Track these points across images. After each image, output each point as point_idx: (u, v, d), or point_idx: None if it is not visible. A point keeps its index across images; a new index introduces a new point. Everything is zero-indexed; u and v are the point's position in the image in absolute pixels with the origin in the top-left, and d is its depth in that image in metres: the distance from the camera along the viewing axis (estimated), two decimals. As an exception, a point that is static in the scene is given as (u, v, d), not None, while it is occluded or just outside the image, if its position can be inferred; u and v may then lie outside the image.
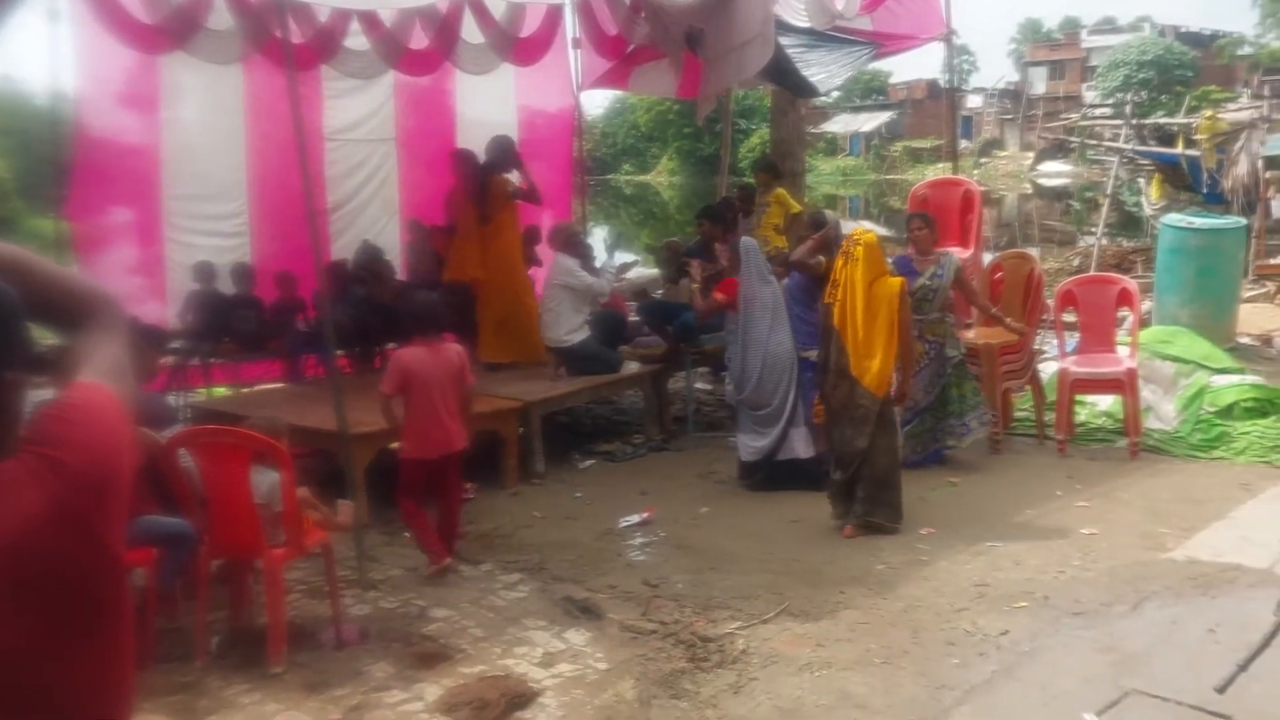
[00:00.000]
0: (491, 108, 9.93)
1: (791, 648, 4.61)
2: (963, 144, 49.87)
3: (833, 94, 47.29)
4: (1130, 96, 35.98)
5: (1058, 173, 46.82)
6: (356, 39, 8.68)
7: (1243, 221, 11.62)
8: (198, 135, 8.54)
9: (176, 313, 8.41)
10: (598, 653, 4.67)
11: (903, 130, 61.70)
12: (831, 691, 4.21)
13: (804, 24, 8.84)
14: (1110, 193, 17.40)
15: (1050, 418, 7.76)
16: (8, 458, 1.25)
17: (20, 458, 1.25)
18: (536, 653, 4.66)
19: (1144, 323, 9.17)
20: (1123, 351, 7.89)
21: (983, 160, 53.49)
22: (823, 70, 9.24)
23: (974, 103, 60.07)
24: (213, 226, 8.77)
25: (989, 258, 9.46)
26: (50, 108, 8.82)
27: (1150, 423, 7.69)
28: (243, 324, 8.42)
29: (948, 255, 7.35)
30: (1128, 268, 14.12)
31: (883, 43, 9.82)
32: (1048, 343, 9.06)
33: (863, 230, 6.57)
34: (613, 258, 8.89)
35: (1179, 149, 19.98)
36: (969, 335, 7.74)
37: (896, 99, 63.48)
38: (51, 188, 8.38)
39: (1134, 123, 24.08)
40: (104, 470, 1.30)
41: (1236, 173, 15.59)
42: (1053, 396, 7.78)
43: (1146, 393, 7.83)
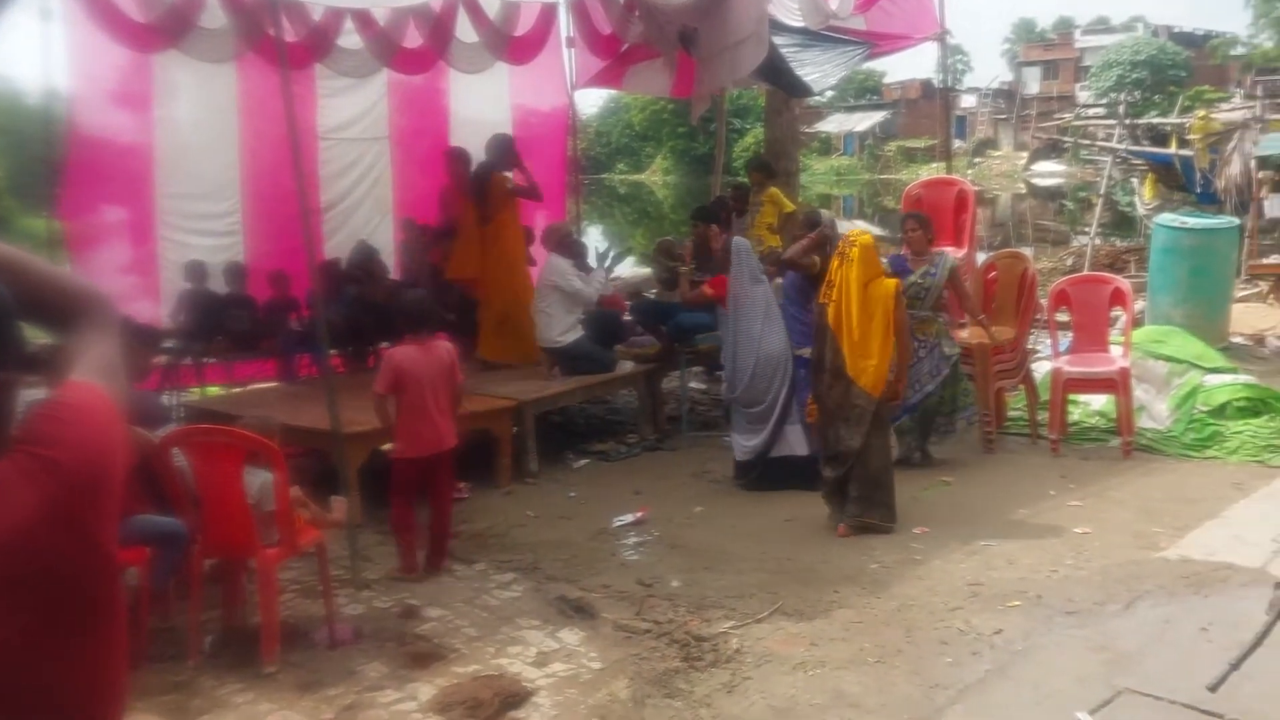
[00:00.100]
0: (485, 107, 9.91)
1: (785, 647, 4.62)
2: (957, 144, 49.99)
3: (827, 94, 47.45)
4: (1124, 96, 35.98)
5: (1051, 172, 46.86)
6: (350, 37, 8.68)
7: (1236, 221, 11.66)
8: (191, 134, 8.52)
9: (169, 312, 8.40)
10: (591, 652, 4.66)
11: (897, 130, 61.78)
12: (825, 690, 4.22)
13: (798, 23, 8.83)
14: (1104, 192, 17.46)
15: (1043, 417, 7.78)
16: (0, 457, 1.25)
17: (13, 457, 1.24)
18: (530, 652, 4.66)
19: (1137, 322, 9.20)
20: (1116, 351, 7.90)
21: (977, 160, 53.53)
22: (817, 70, 9.22)
23: (968, 103, 60.23)
24: (206, 225, 8.75)
25: (983, 257, 9.48)
26: (43, 106, 8.81)
27: (1143, 422, 7.71)
28: (236, 323, 8.40)
29: (943, 255, 7.36)
30: (1121, 267, 14.14)
31: (877, 42, 9.81)
32: (1041, 342, 9.08)
33: (859, 231, 6.57)
34: (603, 265, 8.87)
35: (1172, 149, 20.08)
36: (963, 335, 7.75)
37: (891, 99, 63.57)
38: (44, 186, 8.36)
39: (1127, 123, 24.18)
40: (97, 469, 1.30)
41: (1229, 173, 15.67)
42: (1046, 396, 7.80)
43: (1139, 392, 7.85)
